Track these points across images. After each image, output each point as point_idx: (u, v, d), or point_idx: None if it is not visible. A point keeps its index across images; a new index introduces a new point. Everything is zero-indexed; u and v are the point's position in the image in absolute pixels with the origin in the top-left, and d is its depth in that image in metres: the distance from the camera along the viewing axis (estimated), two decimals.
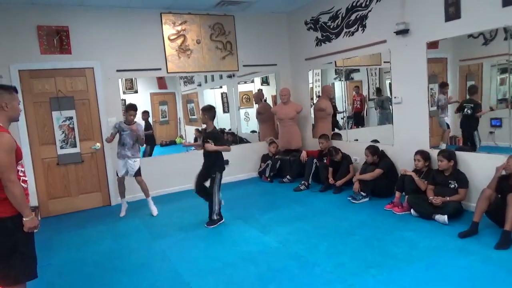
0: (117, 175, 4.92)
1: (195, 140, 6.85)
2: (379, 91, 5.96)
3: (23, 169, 2.34)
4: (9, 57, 4.83)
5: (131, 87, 6.18)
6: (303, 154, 5.99)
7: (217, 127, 6.84)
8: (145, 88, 6.45)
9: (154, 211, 4.87)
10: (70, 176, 5.30)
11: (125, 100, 5.93)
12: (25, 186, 2.30)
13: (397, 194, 4.41)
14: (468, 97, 4.43)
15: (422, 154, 4.39)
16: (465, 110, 4.38)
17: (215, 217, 4.26)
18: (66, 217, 5.15)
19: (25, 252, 2.26)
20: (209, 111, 4.33)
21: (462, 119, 4.49)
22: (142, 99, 6.43)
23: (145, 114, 6.39)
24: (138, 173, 4.84)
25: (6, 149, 2.14)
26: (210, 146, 4.21)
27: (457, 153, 4.17)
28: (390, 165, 4.87)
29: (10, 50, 4.83)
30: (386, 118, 5.61)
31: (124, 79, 5.80)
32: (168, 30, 5.82)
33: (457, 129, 4.62)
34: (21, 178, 2.27)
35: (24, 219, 2.22)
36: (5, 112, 2.27)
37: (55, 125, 5.15)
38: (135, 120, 4.77)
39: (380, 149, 5.00)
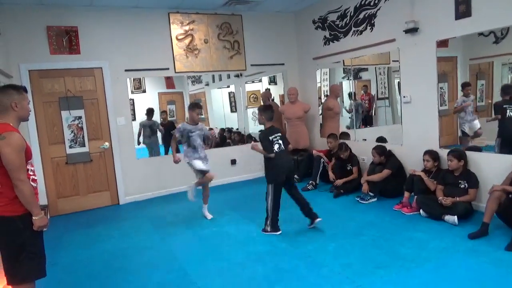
0: (202, 173, 4.41)
1: None
2: (351, 96, 6.14)
3: (32, 168, 2.36)
4: (19, 57, 4.88)
5: (139, 86, 6.22)
6: (314, 151, 5.96)
7: (225, 127, 6.92)
8: (153, 87, 6.48)
9: (208, 216, 4.57)
10: (78, 175, 5.35)
11: (133, 99, 5.97)
12: (35, 185, 2.32)
13: (406, 194, 4.37)
14: (503, 98, 4.10)
15: (431, 154, 4.34)
16: (508, 112, 4.01)
17: (267, 228, 3.88)
18: (74, 216, 5.19)
19: (34, 251, 2.28)
20: (265, 111, 3.88)
21: (503, 122, 4.05)
22: (150, 99, 6.47)
23: (164, 114, 6.51)
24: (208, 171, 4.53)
25: (16, 148, 2.16)
26: (254, 146, 3.90)
27: (467, 153, 4.11)
28: (398, 165, 4.83)
29: (20, 50, 4.88)
30: (357, 121, 5.95)
31: (132, 78, 5.84)
32: (176, 29, 5.83)
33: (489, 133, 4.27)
34: (31, 177, 2.29)
35: (33, 217, 2.24)
36: (15, 112, 2.28)
37: (64, 124, 5.20)
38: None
39: (388, 148, 4.96)
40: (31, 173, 2.32)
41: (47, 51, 5.02)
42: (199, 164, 4.36)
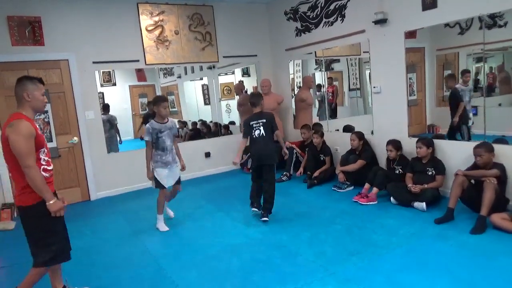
0: (163, 187, 3.92)
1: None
2: (319, 87, 6.30)
3: (46, 158, 2.38)
4: None
5: (109, 79, 6.03)
6: (287, 142, 5.99)
7: (198, 120, 6.86)
8: (124, 80, 6.30)
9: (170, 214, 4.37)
10: None
11: (103, 93, 5.80)
12: (47, 175, 2.34)
13: (366, 185, 4.43)
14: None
15: (394, 144, 4.46)
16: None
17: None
18: None
19: (54, 236, 2.40)
20: (251, 97, 4.26)
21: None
22: (120, 92, 6.29)
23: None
24: (179, 180, 4.07)
25: (23, 135, 2.18)
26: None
27: (434, 140, 4.24)
28: (372, 155, 4.92)
29: None
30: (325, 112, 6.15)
31: (101, 71, 5.66)
32: (146, 20, 5.69)
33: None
34: (42, 166, 2.31)
35: (46, 203, 2.26)
36: (28, 102, 2.31)
37: None
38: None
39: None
40: (44, 162, 2.33)
41: (8, 43, 4.78)
42: (162, 176, 3.86)
